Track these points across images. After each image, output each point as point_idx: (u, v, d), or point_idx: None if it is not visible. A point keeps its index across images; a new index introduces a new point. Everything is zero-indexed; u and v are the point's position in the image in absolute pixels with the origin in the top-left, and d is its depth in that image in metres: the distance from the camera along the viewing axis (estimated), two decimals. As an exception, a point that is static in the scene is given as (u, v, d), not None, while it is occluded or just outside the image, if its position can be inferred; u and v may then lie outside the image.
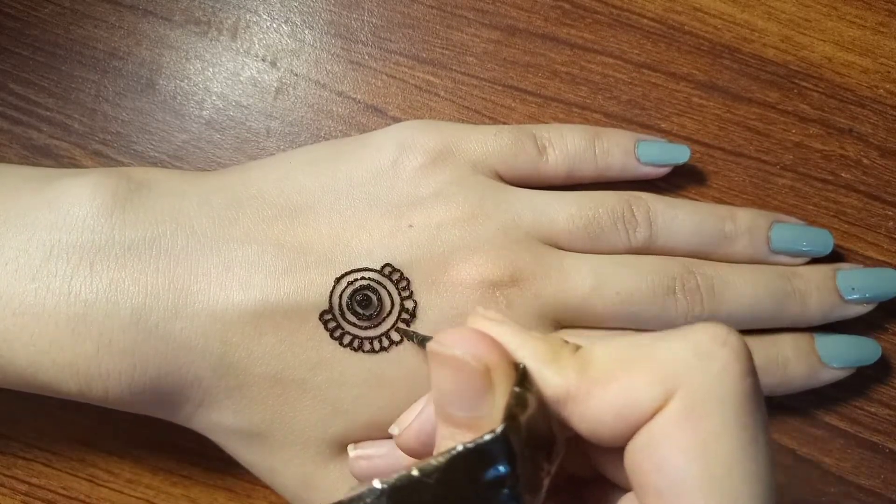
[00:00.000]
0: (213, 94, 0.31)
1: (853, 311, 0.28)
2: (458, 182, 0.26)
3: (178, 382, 0.24)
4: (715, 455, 0.15)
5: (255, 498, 0.29)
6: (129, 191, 0.24)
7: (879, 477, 0.29)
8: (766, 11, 0.32)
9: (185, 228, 0.24)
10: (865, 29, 0.32)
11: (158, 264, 0.23)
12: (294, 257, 0.24)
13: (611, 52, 0.31)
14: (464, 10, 0.31)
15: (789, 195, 0.31)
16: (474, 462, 0.16)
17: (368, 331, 0.24)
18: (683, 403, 0.16)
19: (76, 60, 0.31)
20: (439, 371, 0.18)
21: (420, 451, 0.21)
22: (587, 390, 0.17)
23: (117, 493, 0.29)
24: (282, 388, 0.24)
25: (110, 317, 0.23)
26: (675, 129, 0.31)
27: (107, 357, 0.23)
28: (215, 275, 0.24)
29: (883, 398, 0.29)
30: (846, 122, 0.31)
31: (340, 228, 0.25)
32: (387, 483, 0.15)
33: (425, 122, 0.28)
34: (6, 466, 0.29)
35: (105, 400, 0.24)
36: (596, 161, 0.28)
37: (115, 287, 0.23)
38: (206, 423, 0.25)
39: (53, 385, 0.23)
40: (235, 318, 0.23)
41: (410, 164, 0.26)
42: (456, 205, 0.26)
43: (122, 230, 0.24)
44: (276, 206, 0.25)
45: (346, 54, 0.31)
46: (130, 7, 0.31)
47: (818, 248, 0.28)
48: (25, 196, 0.24)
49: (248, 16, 0.31)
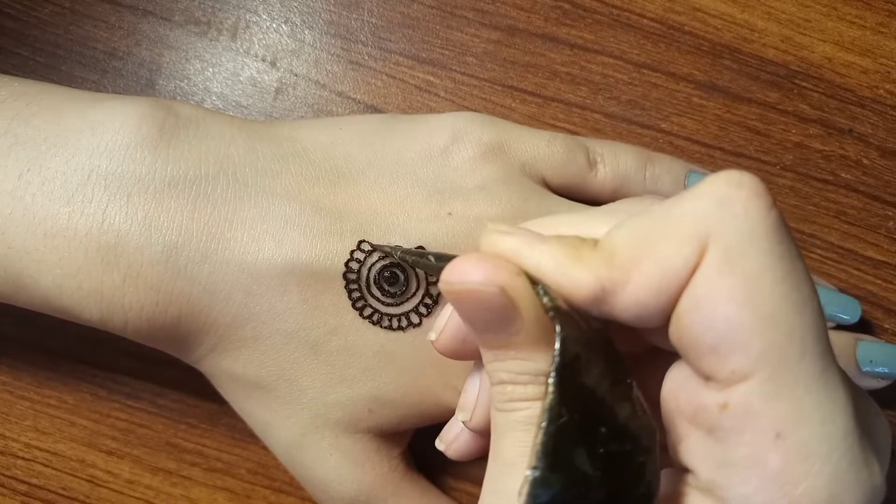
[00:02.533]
0: (213, 94, 0.31)
1: (866, 384, 0.28)
2: (505, 180, 0.26)
3: (196, 325, 0.24)
4: (761, 293, 0.15)
5: (255, 498, 0.29)
6: (176, 126, 0.24)
7: (880, 477, 0.29)
8: (766, 12, 0.32)
9: (227, 174, 0.24)
10: (865, 29, 0.32)
11: (196, 205, 0.23)
12: (331, 222, 0.24)
13: (611, 52, 0.31)
14: (464, 10, 0.31)
15: (789, 195, 0.31)
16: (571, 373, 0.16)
17: (390, 308, 0.25)
18: (718, 253, 0.15)
19: (76, 61, 0.31)
20: (458, 306, 0.17)
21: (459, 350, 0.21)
22: (621, 278, 0.16)
23: (117, 494, 0.29)
24: (294, 346, 0.24)
25: (141, 250, 0.23)
26: (676, 130, 0.31)
27: (132, 289, 0.23)
28: (250, 226, 0.24)
29: (883, 398, 0.29)
30: (846, 122, 0.31)
31: (380, 203, 0.25)
32: None
33: (485, 116, 0.28)
34: (6, 467, 0.29)
35: (123, 331, 0.24)
36: (644, 184, 0.28)
37: (149, 221, 0.23)
38: (215, 368, 0.25)
39: (75, 310, 0.23)
40: (263, 272, 0.23)
41: (461, 154, 0.26)
42: (498, 202, 0.26)
43: (165, 165, 0.23)
44: (321, 167, 0.25)
45: (346, 54, 0.31)
46: (130, 7, 0.31)
47: (846, 315, 0.28)
48: (68, 116, 0.24)
49: (248, 16, 0.31)
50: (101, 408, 0.29)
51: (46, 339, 0.29)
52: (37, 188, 0.23)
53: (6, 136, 0.23)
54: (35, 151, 0.23)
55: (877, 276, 0.30)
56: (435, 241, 0.25)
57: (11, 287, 0.24)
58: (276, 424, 0.25)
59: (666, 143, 0.31)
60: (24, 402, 0.29)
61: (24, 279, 0.23)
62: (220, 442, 0.29)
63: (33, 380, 0.29)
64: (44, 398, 0.29)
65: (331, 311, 0.24)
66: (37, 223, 0.23)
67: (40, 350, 0.29)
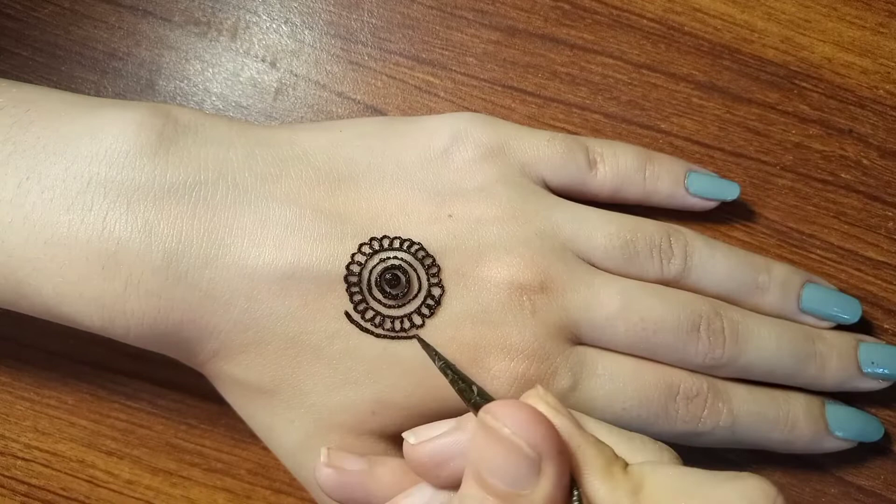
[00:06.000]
0: (213, 94, 0.31)
1: (867, 385, 0.28)
2: (504, 181, 0.26)
3: (198, 330, 0.24)
4: None
5: (255, 499, 0.29)
6: (175, 132, 0.24)
7: (879, 477, 0.29)
8: (766, 12, 0.32)
9: (227, 179, 0.24)
10: (865, 30, 0.32)
11: (196, 211, 0.23)
12: (331, 225, 0.24)
13: (611, 52, 0.31)
14: (463, 10, 0.31)
15: (789, 196, 0.31)
16: None
17: (392, 310, 0.24)
18: None
19: (76, 61, 0.31)
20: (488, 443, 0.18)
21: (427, 470, 0.21)
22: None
23: (117, 494, 0.29)
24: (296, 350, 0.24)
25: (141, 258, 0.23)
26: (675, 130, 0.31)
27: (133, 297, 0.23)
28: (251, 230, 0.24)
29: (884, 399, 0.29)
30: (846, 122, 0.31)
31: (380, 206, 0.25)
32: None
33: (484, 117, 0.28)
34: (5, 467, 0.29)
35: (125, 337, 0.24)
36: (644, 184, 0.28)
37: (149, 228, 0.23)
38: (217, 372, 0.25)
39: (77, 318, 0.23)
40: (264, 276, 0.23)
41: (461, 156, 0.26)
42: (498, 203, 0.26)
43: (164, 172, 0.23)
44: (321, 171, 0.25)
45: (346, 55, 0.31)
46: (130, 8, 0.31)
47: (846, 314, 0.28)
48: (67, 123, 0.24)
49: (248, 16, 0.31)
50: (101, 408, 0.29)
51: (46, 339, 0.29)
52: (36, 196, 0.23)
53: (5, 144, 0.23)
54: (34, 160, 0.23)
55: (877, 276, 0.30)
56: (437, 242, 0.25)
57: (13, 295, 0.24)
58: (279, 428, 0.25)
59: (666, 144, 0.31)
60: (23, 402, 0.29)
61: (24, 287, 0.23)
62: (220, 442, 0.29)
63: (33, 380, 0.29)
64: (44, 398, 0.29)
65: (332, 315, 0.24)
66: (37, 232, 0.23)
67: (40, 350, 0.29)
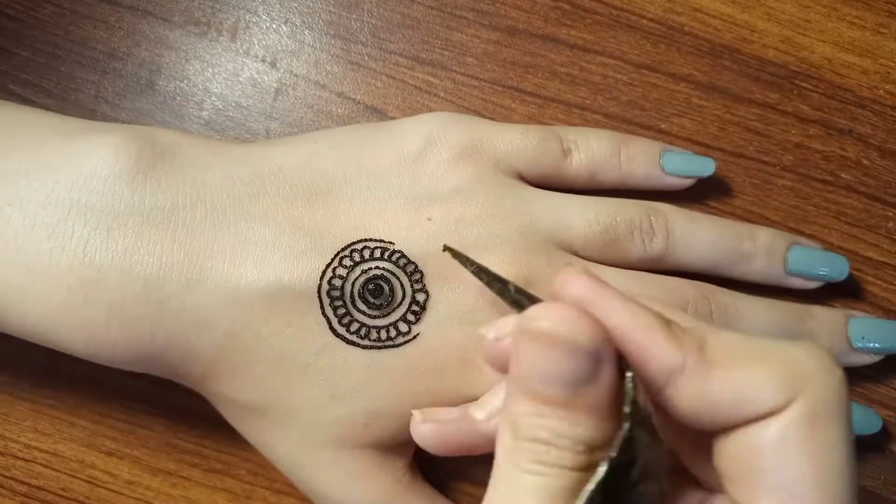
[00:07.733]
0: (213, 94, 0.31)
1: (859, 360, 0.28)
2: (480, 180, 0.26)
3: (183, 355, 0.24)
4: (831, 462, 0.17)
5: (255, 499, 0.29)
6: (153, 156, 0.24)
7: (879, 477, 0.29)
8: (766, 12, 0.32)
9: (204, 202, 0.24)
10: (865, 30, 0.32)
11: (175, 236, 0.23)
12: (311, 240, 0.24)
13: (611, 52, 0.31)
14: (463, 10, 0.31)
15: (789, 196, 0.31)
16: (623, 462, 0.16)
17: (377, 320, 0.24)
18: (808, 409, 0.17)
19: (76, 61, 0.31)
20: (539, 350, 0.17)
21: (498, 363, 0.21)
22: (706, 370, 0.17)
23: (117, 495, 0.29)
24: (284, 369, 0.24)
25: (123, 284, 0.23)
26: (675, 130, 0.31)
27: (116, 324, 0.23)
28: (230, 252, 0.24)
29: (883, 399, 0.29)
30: (846, 122, 0.31)
31: (359, 216, 0.25)
32: None
33: (455, 117, 0.28)
34: (5, 467, 0.29)
35: (111, 362, 0.24)
36: (620, 167, 0.28)
37: (130, 255, 0.23)
38: (209, 392, 0.25)
39: (62, 344, 0.24)
40: (247, 297, 0.23)
41: (435, 158, 0.26)
42: (476, 202, 0.26)
43: (143, 197, 0.24)
44: (297, 186, 0.25)
45: (346, 55, 0.31)
46: (130, 8, 0.31)
47: (834, 273, 0.28)
48: (49, 149, 0.24)
49: (248, 16, 0.31)
50: (101, 408, 0.29)
51: (46, 340, 0.29)
52: (18, 223, 0.23)
53: None
54: (15, 186, 0.23)
55: (877, 276, 0.30)
56: (417, 247, 0.25)
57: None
58: (273, 446, 0.25)
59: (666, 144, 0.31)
60: (23, 402, 0.29)
61: (8, 314, 0.23)
62: (220, 442, 0.29)
63: (33, 380, 0.29)
64: (44, 398, 0.29)
65: (317, 331, 0.24)
66: (20, 259, 0.23)
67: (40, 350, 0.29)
